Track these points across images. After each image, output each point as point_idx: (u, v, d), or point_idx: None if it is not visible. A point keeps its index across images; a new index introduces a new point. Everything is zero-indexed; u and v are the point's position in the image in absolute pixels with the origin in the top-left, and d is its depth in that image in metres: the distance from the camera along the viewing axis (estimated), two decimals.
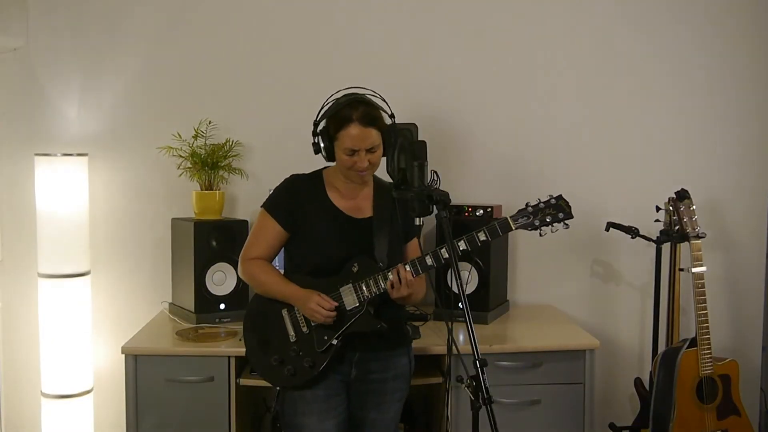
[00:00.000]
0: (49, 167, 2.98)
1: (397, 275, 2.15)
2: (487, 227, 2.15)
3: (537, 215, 2.14)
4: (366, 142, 2.16)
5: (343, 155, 2.19)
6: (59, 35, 3.19)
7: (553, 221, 2.14)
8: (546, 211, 2.14)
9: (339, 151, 2.20)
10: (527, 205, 2.15)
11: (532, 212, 2.14)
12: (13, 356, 3.25)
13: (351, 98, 2.19)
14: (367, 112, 2.16)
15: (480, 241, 2.14)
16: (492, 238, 2.15)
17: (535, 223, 2.14)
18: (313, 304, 2.16)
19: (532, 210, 2.14)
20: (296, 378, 2.22)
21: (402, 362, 2.34)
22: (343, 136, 2.16)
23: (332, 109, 2.20)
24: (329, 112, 2.21)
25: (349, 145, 2.16)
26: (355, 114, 2.15)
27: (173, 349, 2.65)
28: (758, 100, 3.35)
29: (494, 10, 3.28)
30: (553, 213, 2.13)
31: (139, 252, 3.27)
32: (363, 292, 2.19)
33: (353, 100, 2.18)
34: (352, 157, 2.18)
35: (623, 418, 3.27)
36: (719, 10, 3.32)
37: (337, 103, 2.20)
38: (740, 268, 3.39)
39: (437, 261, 2.16)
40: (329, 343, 2.20)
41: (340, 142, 2.18)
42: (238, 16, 3.23)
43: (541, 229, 2.15)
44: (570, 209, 2.14)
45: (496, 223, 2.15)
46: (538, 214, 2.14)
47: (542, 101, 3.32)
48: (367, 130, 2.15)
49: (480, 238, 2.14)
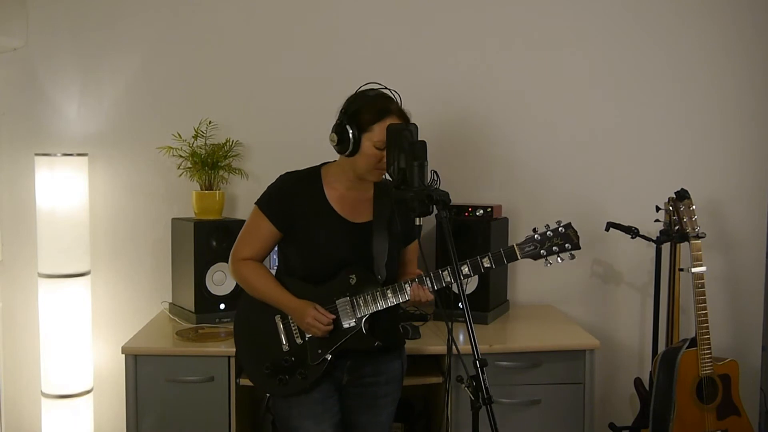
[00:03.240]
0: (49, 167, 2.98)
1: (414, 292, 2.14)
2: (493, 255, 2.14)
3: (544, 244, 2.12)
4: None
5: (373, 149, 2.11)
6: (59, 35, 3.19)
7: (560, 251, 2.12)
8: (553, 241, 2.12)
9: (369, 143, 2.11)
10: (535, 231, 2.13)
11: (539, 240, 2.12)
12: (13, 356, 3.25)
13: (382, 92, 2.15)
14: (400, 107, 2.14)
15: (484, 267, 2.14)
16: (497, 266, 2.14)
17: (541, 253, 2.12)
18: (309, 318, 2.13)
19: (539, 238, 2.12)
20: (288, 387, 2.20)
21: (394, 366, 2.32)
22: (378, 128, 2.09)
23: (365, 99, 2.14)
24: (364, 102, 2.13)
25: (384, 138, 2.08)
26: (393, 106, 2.12)
27: (173, 349, 2.65)
28: (758, 100, 3.35)
29: (495, 11, 3.28)
30: (560, 243, 2.12)
31: (139, 252, 3.27)
32: (360, 308, 2.16)
33: (386, 94, 2.14)
34: (381, 151, 2.10)
35: (623, 418, 3.27)
36: (720, 11, 3.32)
37: (369, 94, 2.14)
38: (740, 268, 3.39)
39: (438, 283, 2.15)
40: (323, 358, 2.17)
41: (372, 134, 2.10)
42: (238, 16, 3.23)
43: (547, 259, 2.13)
44: (578, 240, 2.12)
45: (502, 251, 2.14)
46: (545, 243, 2.12)
47: (543, 101, 3.32)
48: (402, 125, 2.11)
49: (484, 264, 2.14)
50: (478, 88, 3.30)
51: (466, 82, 3.30)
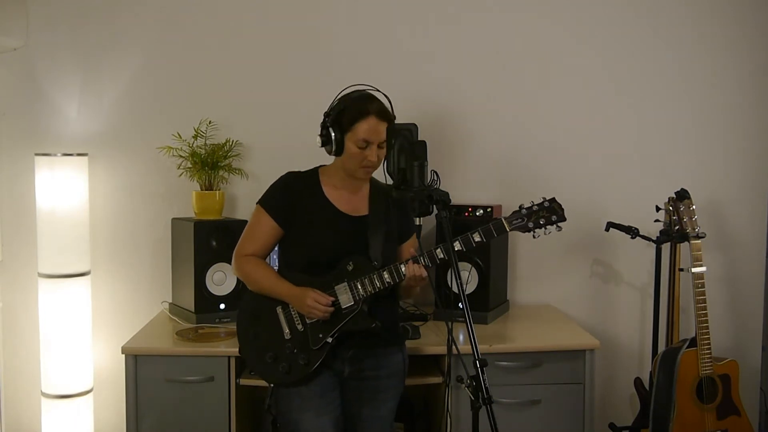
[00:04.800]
0: (49, 167, 2.99)
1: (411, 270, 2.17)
2: (482, 228, 2.16)
3: (530, 217, 2.16)
4: (380, 135, 2.19)
5: (355, 148, 2.20)
6: (59, 35, 3.19)
7: (546, 224, 2.16)
8: (539, 214, 2.16)
9: (351, 143, 2.21)
10: (521, 207, 2.18)
11: (526, 214, 2.17)
12: (13, 356, 3.25)
13: (366, 93, 2.23)
14: (383, 107, 2.21)
15: (474, 241, 2.16)
16: (487, 239, 2.17)
17: (528, 226, 2.16)
18: (310, 300, 2.17)
19: (526, 212, 2.17)
20: (291, 375, 2.23)
21: (395, 360, 2.35)
22: (358, 128, 2.18)
23: (348, 101, 2.22)
24: (345, 103, 2.22)
25: (364, 137, 2.18)
26: (372, 107, 2.19)
27: (173, 349, 2.65)
28: (759, 101, 3.35)
29: (495, 12, 3.28)
30: (546, 216, 2.16)
31: (139, 252, 3.27)
32: (358, 291, 2.19)
33: (369, 95, 2.22)
34: (363, 150, 2.20)
35: (623, 418, 3.27)
36: (721, 10, 3.32)
37: (351, 96, 2.23)
38: (740, 268, 3.39)
39: (432, 261, 2.19)
40: (324, 341, 2.21)
41: (353, 134, 2.19)
42: (238, 16, 3.23)
43: (534, 231, 2.17)
44: (563, 212, 2.17)
45: (491, 224, 2.17)
46: (532, 216, 2.16)
47: (543, 101, 3.32)
48: (382, 123, 2.19)
49: (475, 239, 2.16)
50: (478, 88, 3.30)
51: (467, 82, 3.29)
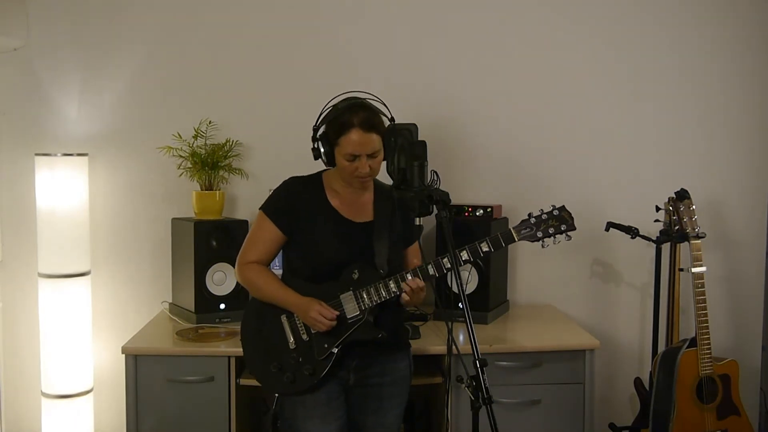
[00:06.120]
0: (49, 167, 2.99)
1: (408, 286, 2.13)
2: (491, 238, 2.13)
3: (539, 226, 2.13)
4: (367, 147, 2.13)
5: (344, 161, 2.16)
6: (59, 35, 3.19)
7: (555, 233, 2.13)
8: (548, 223, 2.13)
9: (340, 156, 2.16)
10: (530, 216, 2.14)
11: (535, 223, 2.14)
12: (13, 356, 3.26)
13: (351, 103, 2.15)
14: (368, 117, 2.13)
15: (483, 251, 2.13)
16: (495, 249, 2.13)
17: (537, 235, 2.13)
18: (314, 313, 2.14)
19: (535, 221, 2.14)
20: (295, 385, 2.20)
21: (401, 367, 2.32)
22: (343, 142, 2.13)
23: (332, 114, 2.17)
24: (329, 117, 2.17)
25: (350, 151, 2.13)
26: (356, 119, 2.12)
27: (173, 349, 2.65)
28: (758, 100, 3.35)
29: (495, 13, 3.28)
30: (555, 225, 2.13)
31: (139, 252, 3.27)
32: (364, 301, 2.16)
33: (354, 105, 2.15)
34: (353, 162, 2.15)
35: (623, 418, 3.27)
36: (722, 11, 3.32)
37: (337, 107, 2.17)
38: (740, 268, 3.39)
39: (439, 271, 2.15)
40: (329, 351, 2.18)
41: (341, 148, 2.15)
42: (238, 17, 3.23)
43: (544, 241, 2.14)
44: (572, 220, 2.14)
45: (499, 234, 2.14)
46: (541, 225, 2.13)
47: (543, 101, 3.32)
48: (368, 135, 2.12)
49: (483, 248, 2.13)
50: (478, 88, 3.30)
51: (467, 82, 3.29)
